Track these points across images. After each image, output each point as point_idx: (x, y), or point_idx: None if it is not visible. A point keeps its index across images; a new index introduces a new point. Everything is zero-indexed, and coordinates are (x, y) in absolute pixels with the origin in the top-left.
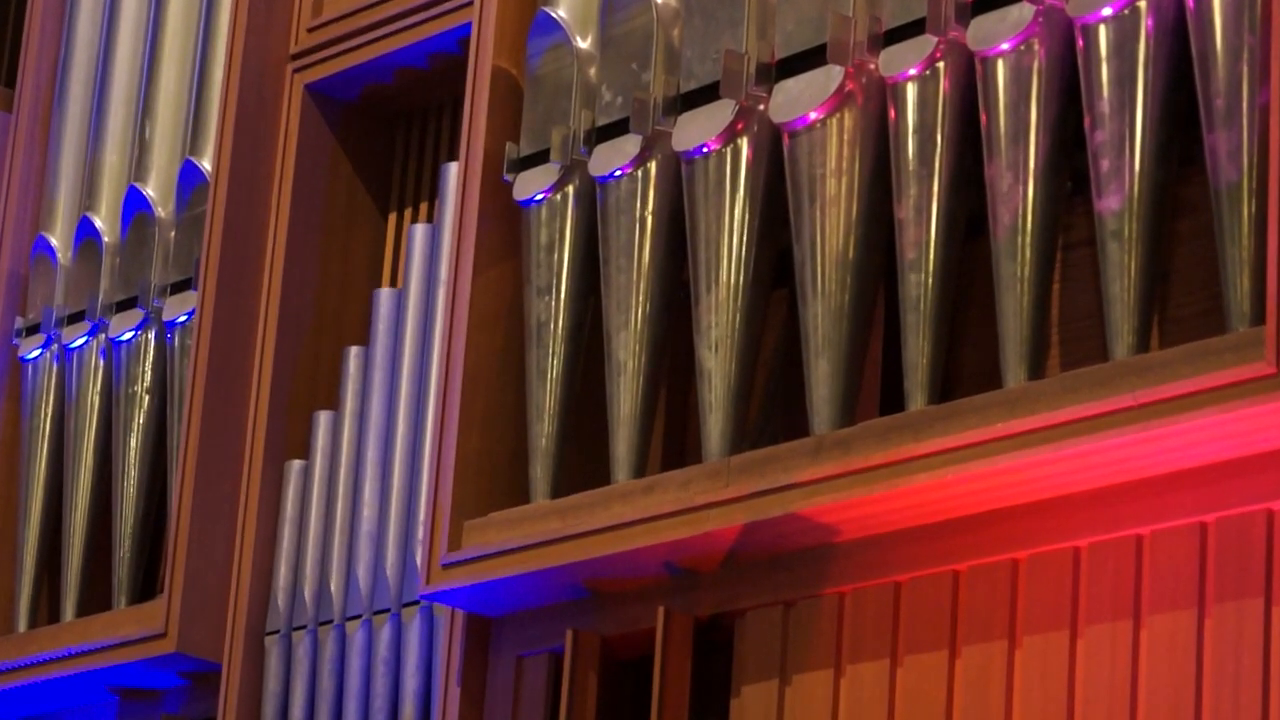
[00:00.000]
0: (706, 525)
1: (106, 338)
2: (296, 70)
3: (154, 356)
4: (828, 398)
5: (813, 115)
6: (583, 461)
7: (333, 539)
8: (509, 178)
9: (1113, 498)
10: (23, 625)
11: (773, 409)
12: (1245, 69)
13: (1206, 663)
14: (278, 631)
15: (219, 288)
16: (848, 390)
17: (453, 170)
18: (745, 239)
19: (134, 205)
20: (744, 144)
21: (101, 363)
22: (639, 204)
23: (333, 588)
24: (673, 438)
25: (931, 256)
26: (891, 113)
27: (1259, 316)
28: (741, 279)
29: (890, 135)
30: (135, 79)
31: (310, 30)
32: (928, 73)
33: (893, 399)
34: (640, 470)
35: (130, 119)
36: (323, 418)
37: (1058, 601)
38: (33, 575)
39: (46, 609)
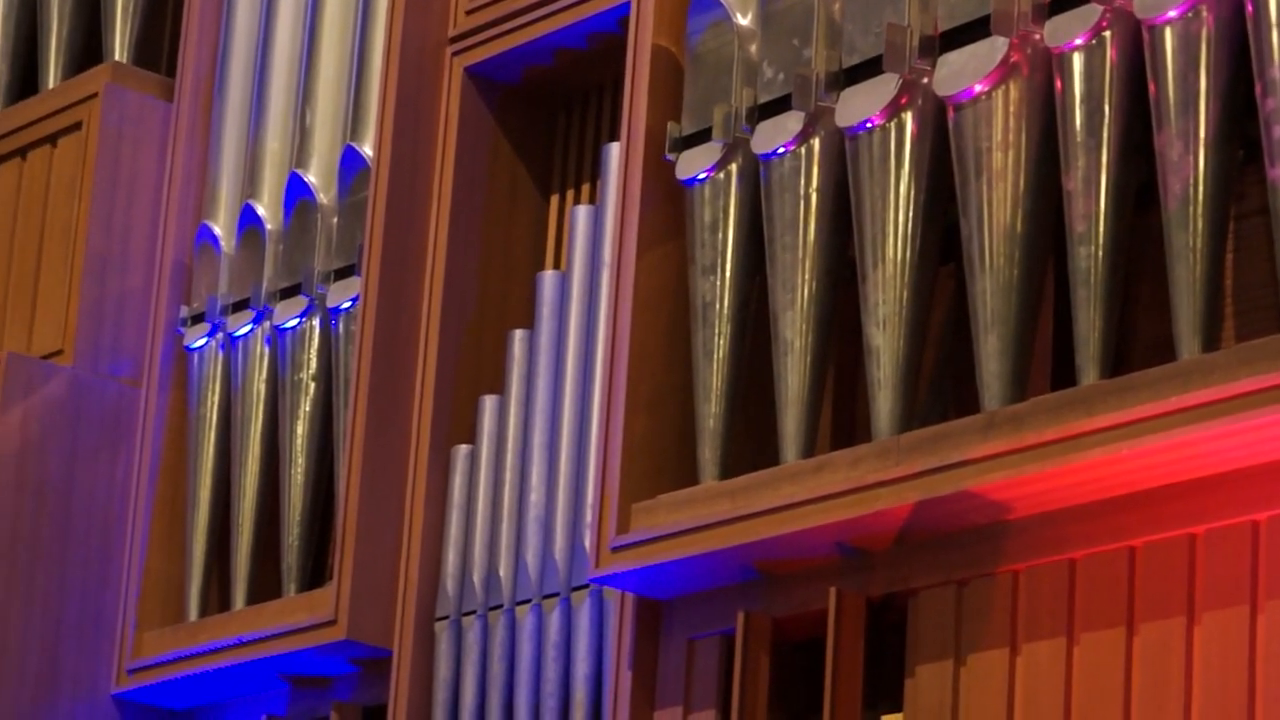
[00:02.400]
0: (877, 504)
1: (271, 325)
2: (456, 53)
3: (319, 343)
4: (998, 373)
5: (978, 87)
6: (751, 442)
7: (501, 524)
8: (671, 157)
9: None
10: (193, 614)
11: (942, 386)
12: None
13: None
14: (447, 617)
15: (382, 273)
16: (1018, 365)
17: (614, 151)
18: (911, 214)
19: (296, 192)
20: (908, 118)
21: (267, 350)
22: (803, 181)
23: (501, 572)
24: (841, 416)
25: (1101, 229)
26: (1058, 83)
27: None
28: (908, 255)
29: (1057, 106)
30: (295, 66)
31: (469, 13)
32: (1094, 42)
33: (1064, 373)
34: (809, 450)
35: (291, 106)
36: (488, 402)
37: (1236, 576)
38: (202, 564)
39: (216, 597)
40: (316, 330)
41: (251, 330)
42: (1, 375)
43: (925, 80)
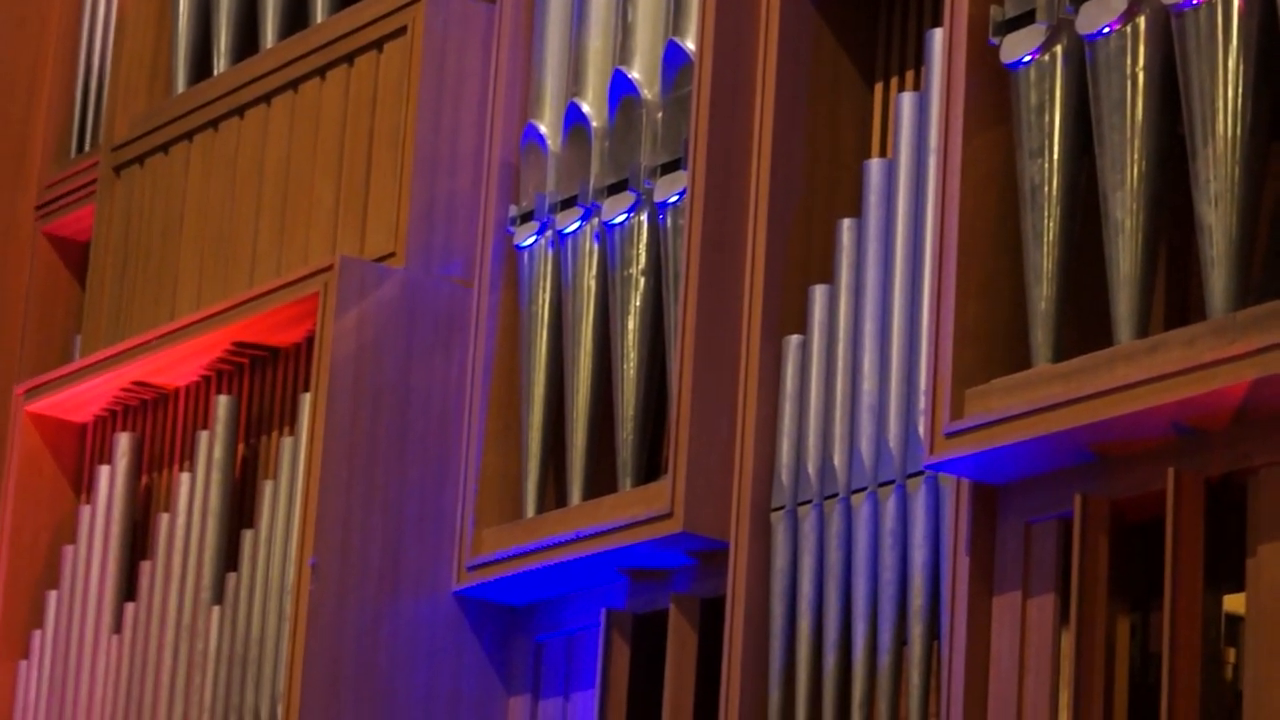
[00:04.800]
0: (1214, 383)
1: (599, 221)
2: None
3: (647, 238)
4: None
5: None
6: (1084, 323)
7: (834, 413)
8: (995, 41)
9: None
10: (531, 510)
11: (1277, 261)
12: None
13: None
14: (783, 507)
15: (708, 166)
16: None
17: (938, 36)
18: (1240, 90)
19: (620, 89)
20: None
21: (595, 247)
22: (1129, 60)
23: (836, 461)
24: (1175, 295)
25: None
26: None
27: None
28: (1239, 130)
29: None
30: None
31: None
32: None
33: None
34: (1143, 330)
35: (612, 3)
36: (818, 291)
37: None
38: (539, 460)
39: (553, 493)
40: (644, 225)
41: (580, 227)
42: (336, 279)
43: None
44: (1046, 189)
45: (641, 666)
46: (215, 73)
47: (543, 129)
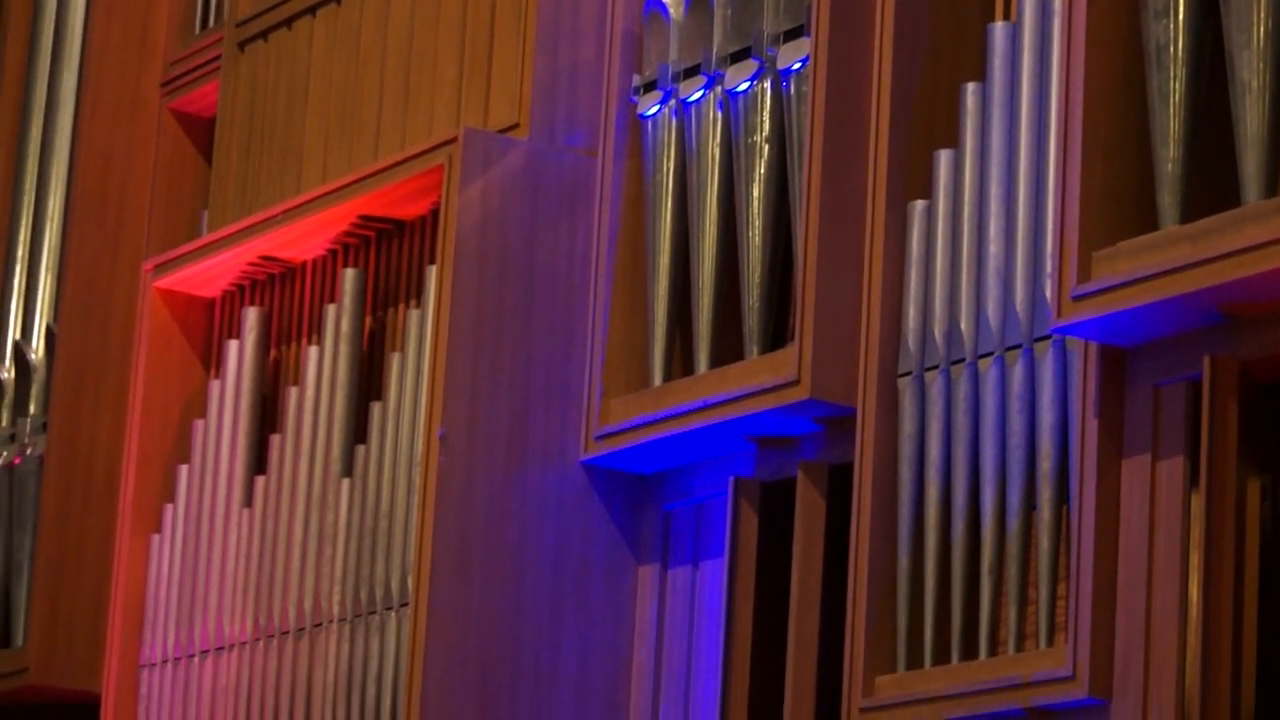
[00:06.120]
0: None
1: (723, 89)
2: None
3: (771, 105)
4: None
5: None
6: (1211, 184)
7: (960, 278)
8: None
9: None
10: (658, 379)
11: None
12: None
13: None
14: (910, 373)
15: (831, 32)
16: None
17: None
18: None
19: None
20: None
21: (719, 114)
22: None
23: (963, 326)
24: None
25: None
26: None
27: None
28: None
29: None
30: None
31: None
32: None
33: None
34: (1271, 189)
35: None
36: (943, 156)
37: None
38: (665, 329)
39: (680, 362)
40: (768, 92)
41: (704, 95)
42: (461, 152)
43: None
44: (1172, 50)
45: (770, 534)
46: None
47: None
